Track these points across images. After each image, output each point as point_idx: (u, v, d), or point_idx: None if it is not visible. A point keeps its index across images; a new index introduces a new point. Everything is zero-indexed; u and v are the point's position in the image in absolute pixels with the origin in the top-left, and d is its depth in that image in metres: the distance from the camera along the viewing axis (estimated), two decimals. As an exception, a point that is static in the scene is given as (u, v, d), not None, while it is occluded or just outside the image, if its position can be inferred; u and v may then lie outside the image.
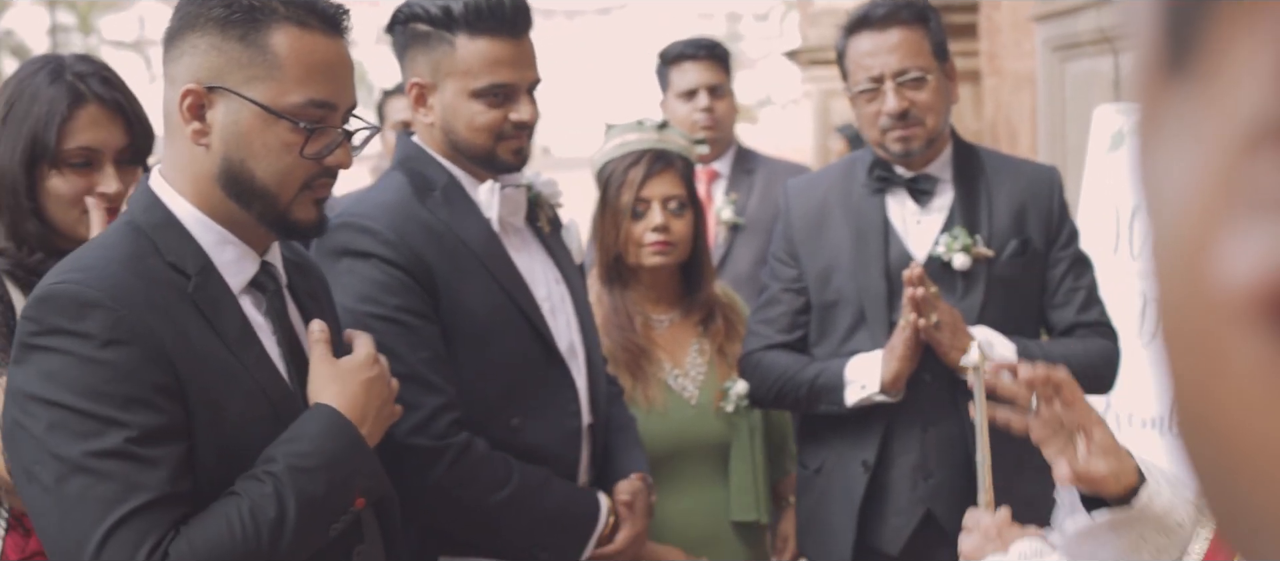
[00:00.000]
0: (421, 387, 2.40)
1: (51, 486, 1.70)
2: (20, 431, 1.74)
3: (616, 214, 3.11)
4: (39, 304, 1.76)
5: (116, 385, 1.70)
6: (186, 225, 1.89)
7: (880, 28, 2.99)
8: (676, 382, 3.18)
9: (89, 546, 1.69)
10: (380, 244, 2.46)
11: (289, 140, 1.87)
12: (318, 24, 1.90)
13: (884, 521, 3.04)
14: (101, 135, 2.32)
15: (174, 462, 1.74)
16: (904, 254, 3.04)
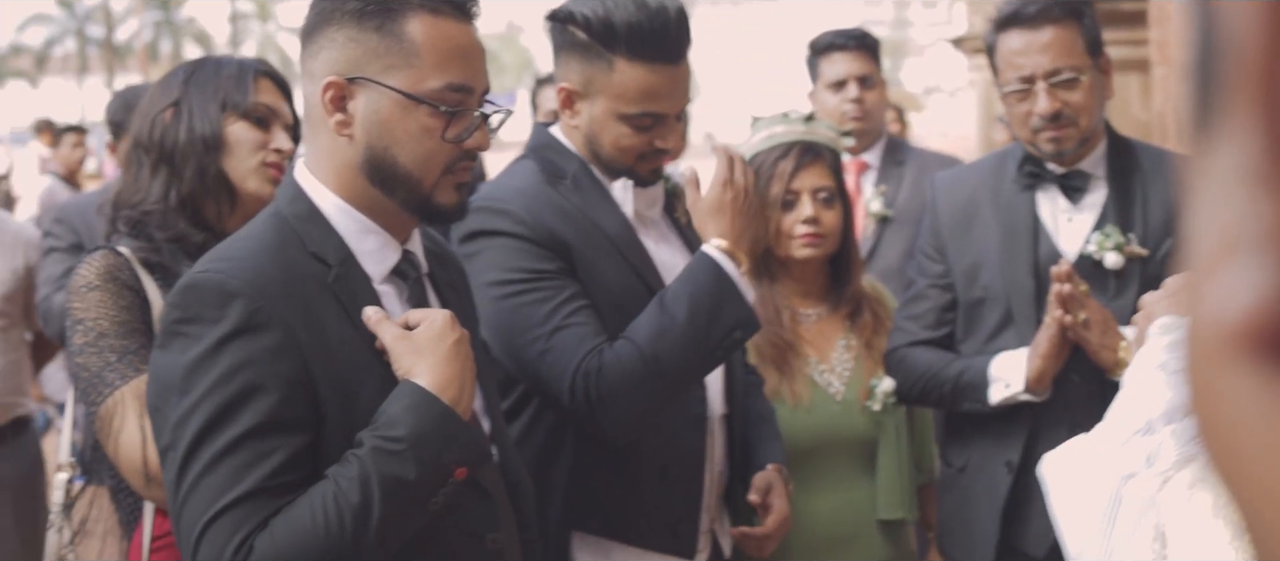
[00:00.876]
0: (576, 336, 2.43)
1: (177, 471, 1.78)
2: (159, 414, 1.82)
3: (765, 206, 3.10)
4: (184, 291, 1.83)
5: (246, 374, 1.76)
6: (329, 216, 1.95)
7: (1032, 26, 2.92)
8: (822, 378, 3.16)
9: (190, 542, 1.76)
10: (514, 222, 2.50)
11: (429, 125, 1.91)
12: (449, 10, 1.94)
13: (1028, 524, 2.98)
14: (276, 102, 2.56)
15: (289, 454, 1.78)
16: (1053, 251, 2.97)
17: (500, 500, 2.05)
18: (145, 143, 2.50)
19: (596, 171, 2.63)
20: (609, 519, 2.60)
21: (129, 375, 2.31)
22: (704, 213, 2.53)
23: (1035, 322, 2.91)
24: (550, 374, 2.43)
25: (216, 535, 1.73)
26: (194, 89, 2.51)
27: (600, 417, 2.41)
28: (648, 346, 2.40)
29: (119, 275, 2.36)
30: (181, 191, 2.45)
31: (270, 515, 1.75)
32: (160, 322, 1.87)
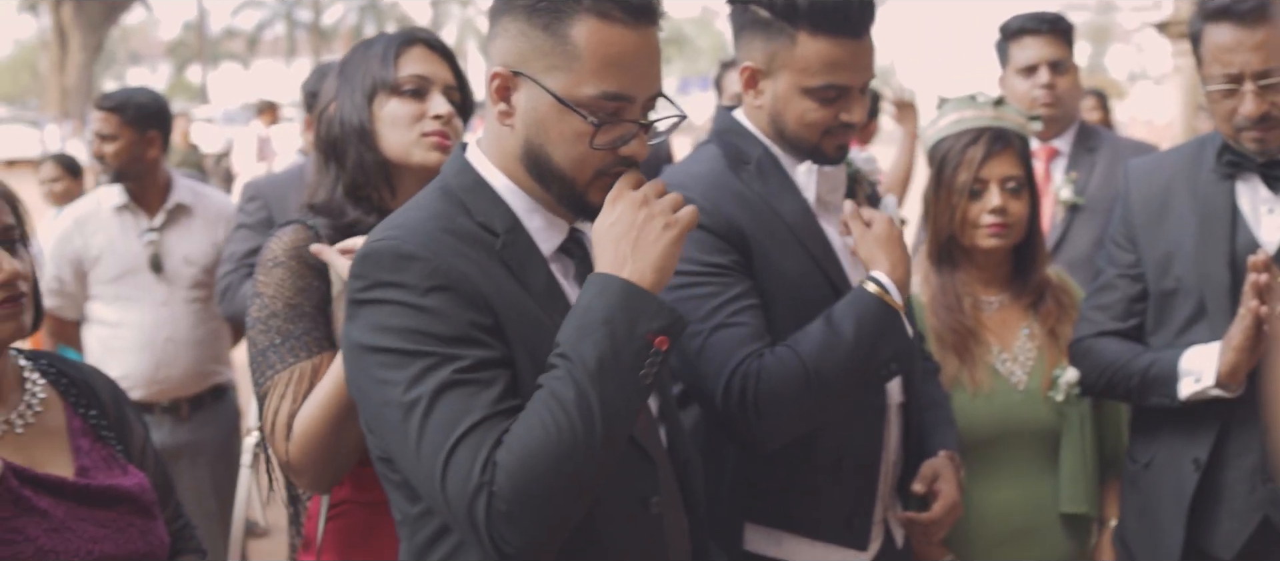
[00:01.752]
0: (739, 336, 2.43)
1: (399, 426, 1.82)
2: (363, 380, 1.87)
3: (952, 193, 3.05)
4: (362, 262, 1.88)
5: (441, 326, 1.80)
6: (499, 191, 1.99)
7: (1245, 22, 2.79)
8: (1004, 366, 3.10)
9: (437, 475, 1.79)
10: None
11: (580, 131, 1.92)
12: (621, 15, 1.91)
13: (1217, 524, 2.88)
14: (430, 68, 2.55)
15: (504, 384, 1.82)
16: (1251, 242, 2.86)
17: (663, 466, 2.05)
18: (318, 138, 2.58)
19: (780, 155, 2.62)
20: (781, 509, 2.59)
21: (288, 361, 2.38)
22: (873, 243, 2.51)
23: (1229, 315, 2.81)
24: (707, 370, 2.43)
25: (460, 462, 1.76)
26: (345, 80, 2.56)
27: (752, 422, 2.41)
28: (811, 360, 2.39)
29: (304, 253, 2.44)
30: (346, 182, 2.52)
31: (502, 433, 1.78)
32: (346, 297, 1.91)
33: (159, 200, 4.63)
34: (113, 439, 2.29)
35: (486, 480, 1.74)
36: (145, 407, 4.54)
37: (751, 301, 2.47)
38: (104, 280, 4.58)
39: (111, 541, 2.15)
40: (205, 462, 4.62)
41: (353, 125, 2.51)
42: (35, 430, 2.18)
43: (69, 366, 2.33)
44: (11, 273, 2.08)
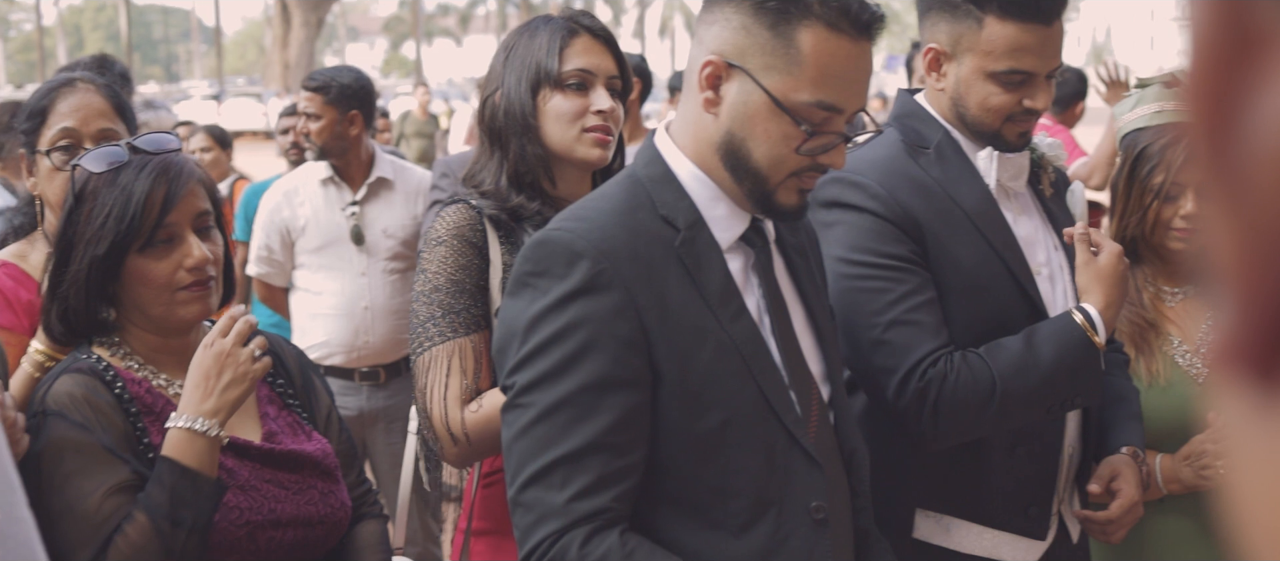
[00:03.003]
0: (916, 332, 2.40)
1: (510, 413, 1.89)
2: (501, 356, 1.94)
3: (1145, 193, 2.94)
4: (536, 246, 1.93)
5: (583, 332, 1.84)
6: (683, 181, 2.00)
7: None
8: (1186, 359, 3.00)
9: (519, 483, 1.86)
10: (868, 197, 2.49)
11: (789, 134, 1.92)
12: (847, 27, 1.90)
13: None
14: (593, 60, 2.57)
15: (618, 413, 1.85)
16: None
17: (831, 468, 2.05)
18: (482, 123, 2.64)
19: (961, 140, 2.58)
20: (953, 496, 2.57)
21: (448, 335, 2.45)
22: (1093, 275, 2.47)
23: None
24: (882, 365, 2.41)
25: (543, 490, 1.83)
26: (509, 69, 2.59)
27: (927, 423, 2.39)
28: (1002, 378, 2.37)
29: (466, 232, 2.51)
30: (509, 170, 2.57)
31: (607, 473, 1.84)
32: (512, 273, 1.97)
33: (362, 175, 4.80)
34: (298, 406, 2.41)
35: None
36: (345, 373, 4.73)
37: (928, 296, 2.45)
38: (309, 250, 4.78)
39: (293, 503, 2.26)
40: (400, 428, 4.79)
41: (516, 117, 2.56)
42: None
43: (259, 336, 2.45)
44: (201, 258, 2.19)
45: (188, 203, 2.21)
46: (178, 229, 2.19)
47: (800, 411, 1.99)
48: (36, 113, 2.79)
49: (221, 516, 2.15)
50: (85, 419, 2.12)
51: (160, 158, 2.21)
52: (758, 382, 1.94)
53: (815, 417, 2.03)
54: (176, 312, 2.21)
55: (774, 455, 1.94)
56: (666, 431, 1.90)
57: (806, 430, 1.99)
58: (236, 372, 2.16)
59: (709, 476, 1.92)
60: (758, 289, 2.03)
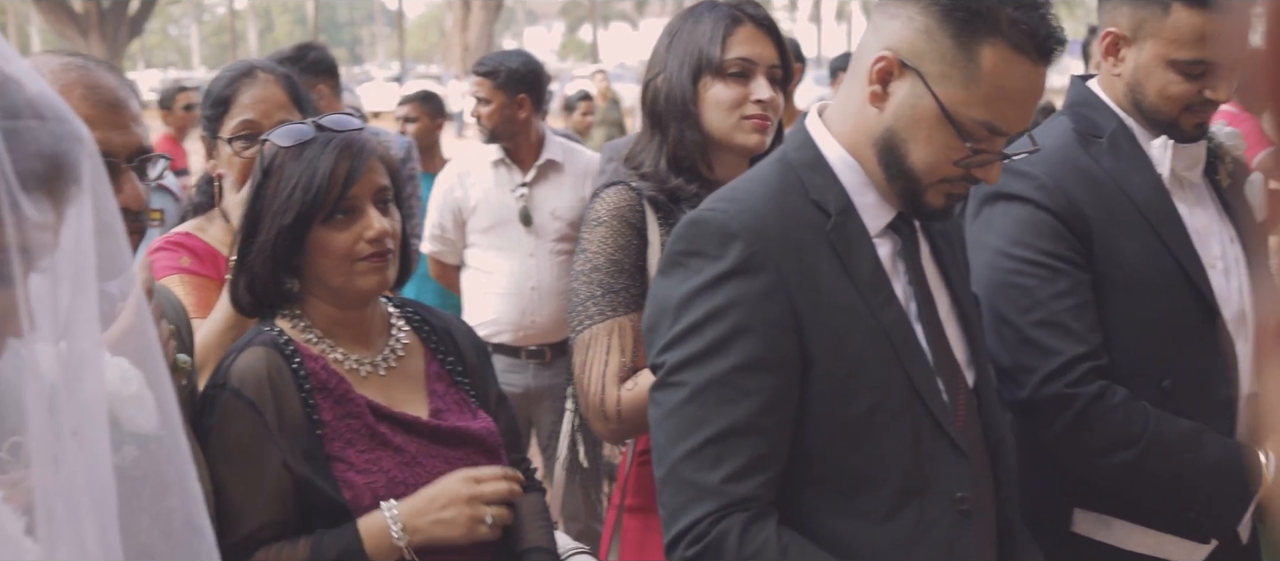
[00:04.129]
0: (1062, 334, 2.37)
1: (659, 392, 1.92)
2: (652, 334, 1.96)
3: None
4: (690, 226, 1.95)
5: (736, 314, 1.86)
6: (834, 166, 1.99)
7: None
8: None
9: (669, 462, 1.87)
10: (1035, 188, 2.45)
11: (952, 146, 1.90)
12: (1031, 50, 1.86)
13: None
14: (756, 49, 2.58)
15: (767, 396, 1.86)
16: None
17: (976, 458, 2.03)
18: (645, 105, 2.66)
19: (1135, 128, 2.53)
20: (1114, 494, 2.51)
21: (606, 314, 2.49)
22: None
23: None
24: (1025, 362, 2.38)
25: (696, 467, 1.84)
26: (672, 54, 2.62)
27: (1060, 429, 2.36)
28: (1153, 440, 2.37)
29: (625, 213, 2.54)
30: (669, 153, 2.59)
31: (756, 456, 1.85)
32: (664, 252, 1.99)
33: (532, 157, 4.89)
34: (466, 385, 2.46)
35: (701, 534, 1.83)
36: (512, 351, 4.83)
37: (1081, 298, 2.41)
38: (479, 229, 4.89)
39: None
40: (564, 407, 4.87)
41: (677, 102, 2.58)
42: (397, 372, 2.37)
43: (432, 315, 2.51)
44: (381, 231, 2.27)
45: (369, 178, 2.28)
46: (359, 202, 2.27)
47: (947, 399, 1.97)
48: (220, 101, 2.90)
49: (387, 491, 2.22)
50: (260, 397, 2.21)
51: (344, 135, 2.29)
52: (905, 369, 1.93)
53: (962, 405, 2.01)
54: (356, 283, 2.29)
55: (920, 443, 1.93)
56: (814, 416, 1.90)
57: (953, 418, 1.97)
58: (460, 517, 2.21)
59: (855, 462, 1.91)
60: (904, 275, 2.01)
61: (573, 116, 11.88)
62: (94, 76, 1.97)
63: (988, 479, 2.07)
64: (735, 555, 1.82)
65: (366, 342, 2.36)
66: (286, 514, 2.19)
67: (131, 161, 1.98)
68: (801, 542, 1.86)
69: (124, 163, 1.96)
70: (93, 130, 1.89)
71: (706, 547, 1.83)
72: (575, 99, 12.25)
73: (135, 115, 2.00)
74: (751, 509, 1.84)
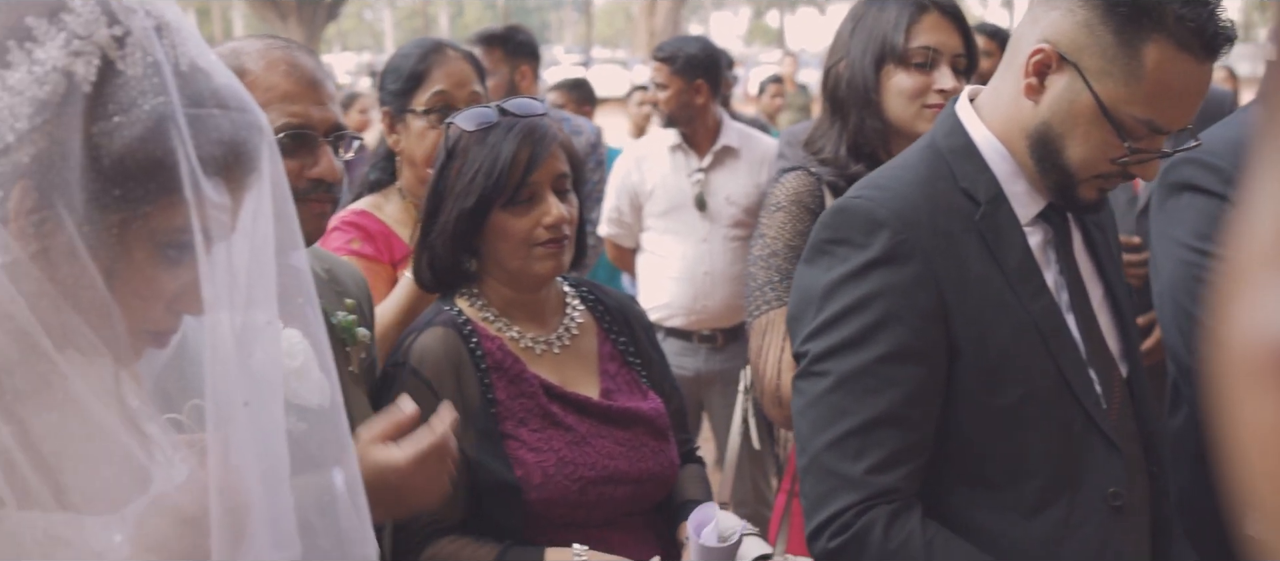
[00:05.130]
0: None
1: (803, 380, 1.91)
2: (796, 323, 1.96)
3: None
4: (836, 213, 1.94)
5: (883, 303, 1.84)
6: (985, 154, 1.96)
7: None
8: None
9: (812, 451, 1.87)
10: (1222, 182, 2.36)
11: (1109, 143, 1.86)
12: (1197, 48, 1.80)
13: None
14: (940, 38, 2.56)
15: (913, 386, 1.84)
16: None
17: (1130, 452, 1.98)
18: (825, 90, 2.65)
19: None
20: None
21: (784, 299, 2.50)
22: None
23: None
24: None
25: (837, 457, 1.84)
26: (856, 40, 2.60)
27: None
28: None
29: (804, 199, 2.54)
30: (848, 139, 2.58)
31: (901, 447, 1.83)
32: (810, 239, 1.98)
33: (708, 142, 4.91)
34: (638, 365, 2.50)
35: (846, 523, 1.82)
36: (684, 335, 4.87)
37: None
38: (655, 214, 4.93)
39: (625, 459, 2.35)
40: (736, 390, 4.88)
41: (858, 89, 2.57)
42: (570, 351, 2.42)
43: (606, 295, 2.56)
44: (558, 217, 2.32)
45: (549, 164, 2.33)
46: (538, 188, 2.32)
47: (1100, 391, 1.93)
48: (412, 76, 2.99)
49: (557, 470, 2.27)
50: (437, 377, 2.28)
51: (527, 121, 2.34)
52: (1056, 361, 1.89)
53: (1116, 399, 1.97)
54: (532, 267, 2.34)
55: (1071, 436, 1.89)
56: (961, 407, 1.87)
57: (1106, 411, 1.93)
58: None
59: (1003, 455, 1.88)
60: (1055, 265, 1.98)
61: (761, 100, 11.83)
62: (295, 56, 2.12)
63: (1142, 474, 2.02)
64: (880, 548, 1.81)
65: (542, 322, 2.42)
66: (458, 496, 2.24)
67: (328, 136, 2.11)
68: (947, 536, 1.84)
69: (321, 137, 2.10)
70: (293, 105, 2.05)
71: (850, 539, 1.83)
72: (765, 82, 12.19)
73: (331, 94, 2.13)
74: (895, 501, 1.83)
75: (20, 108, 1.17)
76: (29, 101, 1.17)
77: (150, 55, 1.21)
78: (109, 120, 1.18)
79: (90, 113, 1.19)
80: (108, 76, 1.20)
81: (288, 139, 2.06)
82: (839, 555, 1.84)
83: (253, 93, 2.05)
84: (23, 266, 1.18)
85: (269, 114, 2.05)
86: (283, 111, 2.07)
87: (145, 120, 1.19)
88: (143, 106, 1.19)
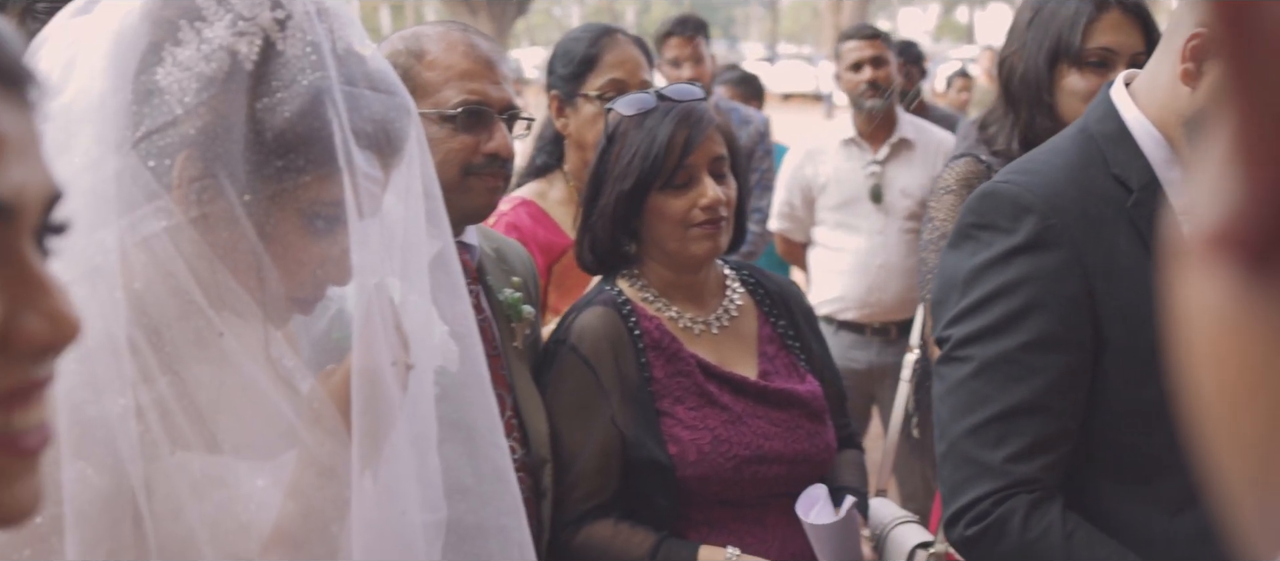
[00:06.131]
0: None
1: (943, 365, 1.88)
2: (939, 307, 1.93)
3: None
4: (982, 198, 1.90)
5: (1028, 289, 1.80)
6: (1139, 140, 1.90)
7: None
8: None
9: (951, 437, 1.83)
10: None
11: None
12: None
13: None
14: (1119, 38, 2.48)
15: (1056, 374, 1.79)
16: None
17: None
18: (1001, 80, 2.59)
19: None
20: None
21: None
22: None
23: None
24: None
25: (978, 445, 1.80)
26: (1032, 33, 2.53)
27: None
28: None
29: (973, 183, 2.51)
30: (1020, 133, 2.51)
31: (1042, 437, 1.78)
32: (955, 223, 1.95)
33: (884, 135, 4.86)
34: (797, 349, 2.50)
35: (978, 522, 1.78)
36: (857, 328, 4.83)
37: None
38: (828, 207, 4.90)
39: (781, 440, 2.36)
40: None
41: (1031, 86, 2.51)
42: (729, 332, 2.44)
43: (767, 279, 2.57)
44: (714, 198, 2.33)
45: (705, 147, 2.35)
46: (695, 171, 2.34)
47: None
48: (585, 60, 3.03)
49: (712, 448, 2.28)
50: (596, 355, 2.33)
51: (684, 105, 2.36)
52: None
53: None
54: (689, 248, 2.36)
55: None
56: (1107, 399, 1.83)
57: None
58: None
59: (1149, 449, 1.83)
60: None
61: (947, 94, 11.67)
62: (472, 38, 2.23)
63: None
64: (1018, 538, 1.76)
65: (701, 303, 2.44)
66: (613, 470, 2.29)
67: (501, 114, 2.20)
68: (1088, 529, 1.79)
69: (496, 114, 2.18)
70: (471, 82, 2.13)
71: (988, 528, 1.79)
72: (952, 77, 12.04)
73: (506, 75, 2.24)
74: (1036, 491, 1.79)
75: (188, 83, 1.25)
76: (196, 77, 1.26)
77: (309, 36, 1.29)
78: (272, 96, 1.26)
79: (253, 89, 1.27)
80: (269, 56, 1.28)
81: (464, 115, 2.15)
82: (975, 544, 1.80)
83: (432, 72, 2.16)
84: (184, 231, 1.25)
85: (447, 91, 2.16)
86: (460, 89, 2.16)
87: (304, 96, 1.27)
88: (301, 82, 1.27)
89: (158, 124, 1.27)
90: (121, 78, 1.27)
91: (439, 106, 2.17)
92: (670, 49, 5.01)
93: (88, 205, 1.23)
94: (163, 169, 1.27)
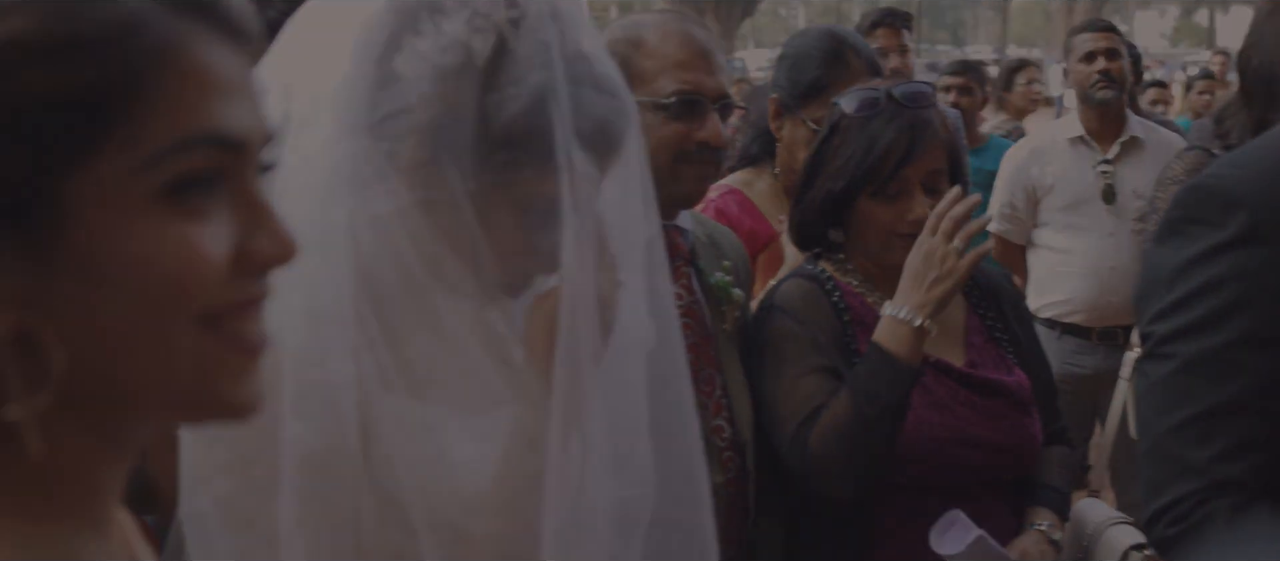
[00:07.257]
0: None
1: (1152, 365, 1.78)
2: (1143, 302, 1.84)
3: None
4: (1191, 191, 1.82)
5: (1237, 286, 1.71)
6: None
7: None
8: None
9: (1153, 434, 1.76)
10: None
11: None
12: None
13: None
14: None
15: (1266, 373, 1.69)
16: None
17: None
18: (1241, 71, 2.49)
19: None
20: None
21: None
22: None
23: None
24: None
25: (1184, 442, 1.72)
26: (1269, 28, 2.41)
27: None
28: None
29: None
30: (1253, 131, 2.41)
31: (1248, 437, 1.69)
32: (1162, 217, 1.87)
33: (1114, 134, 4.72)
34: (1005, 341, 2.47)
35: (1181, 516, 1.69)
36: (1083, 333, 4.70)
37: None
38: (1055, 208, 4.78)
39: (984, 427, 2.33)
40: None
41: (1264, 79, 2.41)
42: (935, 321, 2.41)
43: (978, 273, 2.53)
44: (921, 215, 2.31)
45: (924, 160, 2.33)
46: (908, 183, 2.33)
47: None
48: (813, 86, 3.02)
49: (914, 429, 2.27)
50: (804, 316, 2.34)
51: (911, 112, 2.34)
52: None
53: None
54: (891, 258, 2.36)
55: None
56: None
57: None
58: (942, 270, 2.22)
59: None
60: None
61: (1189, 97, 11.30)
62: (689, 28, 2.28)
63: None
64: (1220, 542, 1.69)
65: None
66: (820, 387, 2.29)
67: (715, 103, 2.24)
68: None
69: (710, 103, 2.22)
70: (686, 72, 2.18)
71: (1189, 529, 1.71)
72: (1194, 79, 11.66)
73: (721, 65, 2.27)
74: (1241, 494, 1.70)
75: (424, 72, 1.33)
76: (432, 68, 1.33)
77: (540, 36, 1.34)
78: (501, 91, 1.33)
79: (484, 83, 1.33)
80: (500, 53, 1.34)
81: (679, 103, 2.19)
82: (1175, 545, 1.73)
83: (649, 61, 2.21)
84: (410, 212, 1.33)
85: (662, 80, 2.21)
86: (675, 78, 2.20)
87: (531, 93, 1.33)
88: (530, 80, 1.32)
89: (393, 109, 1.34)
90: (364, 63, 1.35)
91: (654, 95, 2.21)
92: (877, 39, 4.95)
93: (325, 182, 1.31)
94: (394, 152, 1.34)
